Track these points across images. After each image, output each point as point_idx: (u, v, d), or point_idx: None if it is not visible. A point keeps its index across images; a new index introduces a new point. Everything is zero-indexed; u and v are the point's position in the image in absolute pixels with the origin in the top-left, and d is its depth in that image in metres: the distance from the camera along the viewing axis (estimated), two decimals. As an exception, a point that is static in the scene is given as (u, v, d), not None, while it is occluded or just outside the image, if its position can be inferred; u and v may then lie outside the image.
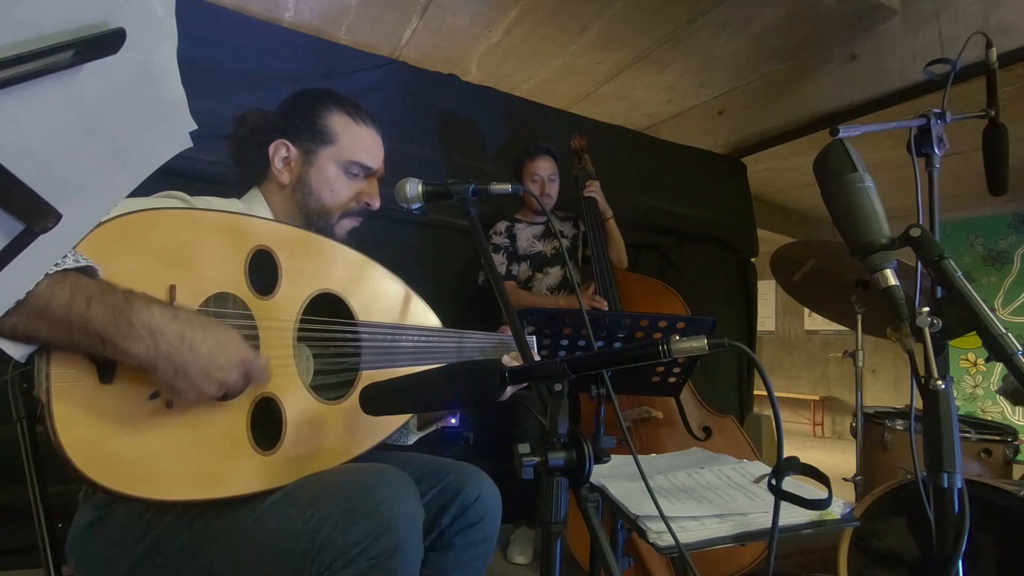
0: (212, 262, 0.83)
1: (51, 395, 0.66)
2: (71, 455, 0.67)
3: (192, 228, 0.83)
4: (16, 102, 0.32)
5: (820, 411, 6.73)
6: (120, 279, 0.70)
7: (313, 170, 1.07)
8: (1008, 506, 1.30)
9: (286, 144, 1.07)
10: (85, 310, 0.64)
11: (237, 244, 0.86)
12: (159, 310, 0.70)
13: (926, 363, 0.69)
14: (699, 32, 2.77)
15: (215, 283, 0.82)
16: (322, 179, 1.07)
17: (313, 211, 1.07)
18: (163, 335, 0.68)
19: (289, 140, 1.07)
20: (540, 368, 0.69)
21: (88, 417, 0.69)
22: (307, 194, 1.07)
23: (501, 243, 2.37)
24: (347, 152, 1.08)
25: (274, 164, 1.06)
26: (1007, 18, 2.40)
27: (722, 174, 3.61)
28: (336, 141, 1.08)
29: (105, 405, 0.70)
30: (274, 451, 0.83)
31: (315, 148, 1.07)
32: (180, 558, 0.81)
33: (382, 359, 0.99)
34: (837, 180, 0.79)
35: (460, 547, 1.02)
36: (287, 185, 1.07)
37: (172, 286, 0.77)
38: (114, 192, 0.43)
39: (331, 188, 1.07)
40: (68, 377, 0.68)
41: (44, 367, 0.67)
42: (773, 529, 0.68)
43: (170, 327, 0.69)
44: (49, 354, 0.67)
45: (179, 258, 0.79)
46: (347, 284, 0.99)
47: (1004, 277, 5.12)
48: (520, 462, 0.62)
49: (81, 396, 0.69)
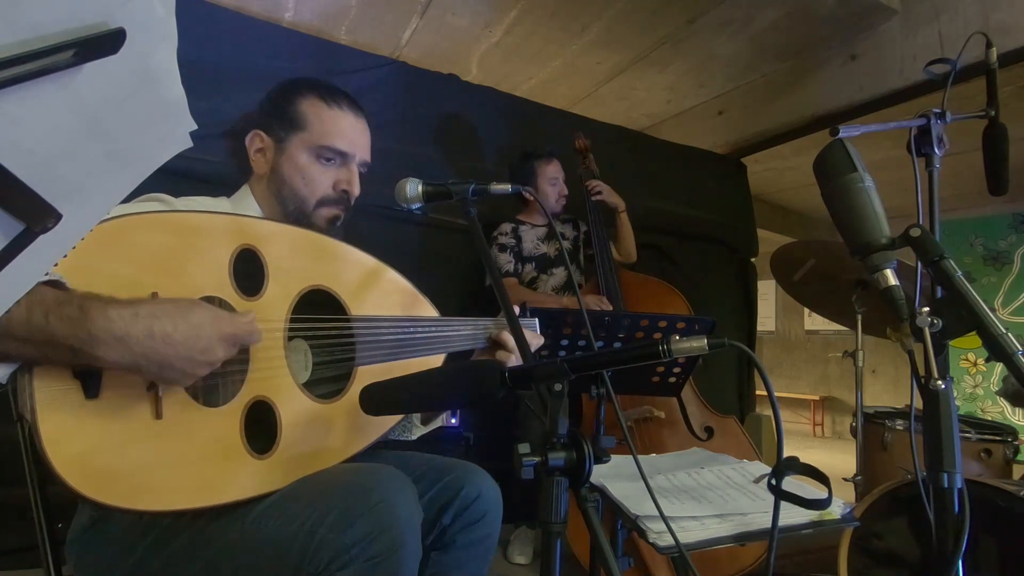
0: (195, 266, 0.80)
1: (36, 414, 0.65)
2: (63, 473, 0.66)
3: (173, 232, 0.80)
4: (16, 102, 0.32)
5: (820, 411, 6.73)
6: (100, 289, 0.68)
7: (284, 158, 1.04)
8: (1008, 506, 1.30)
9: (260, 134, 1.05)
10: (45, 324, 0.62)
11: (220, 245, 0.84)
12: (117, 312, 0.65)
13: (926, 363, 0.69)
14: (699, 32, 2.77)
15: (199, 287, 0.80)
16: (293, 167, 1.03)
17: (288, 200, 1.04)
18: (129, 337, 0.66)
19: (263, 130, 1.05)
20: (540, 368, 0.69)
21: (76, 434, 0.68)
22: (281, 183, 1.04)
23: (508, 243, 2.38)
24: (319, 136, 1.04)
25: (250, 155, 1.05)
26: (1007, 18, 2.40)
27: (722, 174, 3.61)
28: (307, 126, 1.04)
29: (92, 420, 0.69)
30: (270, 454, 0.82)
31: (286, 136, 1.04)
32: (179, 559, 0.81)
33: (377, 353, 0.97)
34: (837, 180, 0.79)
35: (461, 546, 1.01)
36: (264, 176, 1.06)
37: (154, 293, 0.75)
38: (114, 192, 0.43)
39: (303, 176, 1.03)
40: (53, 394, 0.66)
41: (27, 385, 0.65)
42: (773, 529, 0.68)
43: (135, 328, 0.66)
44: (32, 372, 0.65)
45: (160, 264, 0.77)
46: (337, 278, 0.96)
47: (1004, 277, 5.11)
48: (520, 462, 0.62)
49: (67, 413, 0.67)
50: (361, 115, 1.10)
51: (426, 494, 0.99)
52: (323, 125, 1.04)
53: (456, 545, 1.01)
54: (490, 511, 1.03)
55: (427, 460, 1.07)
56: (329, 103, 1.06)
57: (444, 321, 1.07)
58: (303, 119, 1.04)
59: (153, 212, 0.81)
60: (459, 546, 1.01)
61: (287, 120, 1.04)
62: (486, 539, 1.03)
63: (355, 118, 1.09)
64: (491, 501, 1.03)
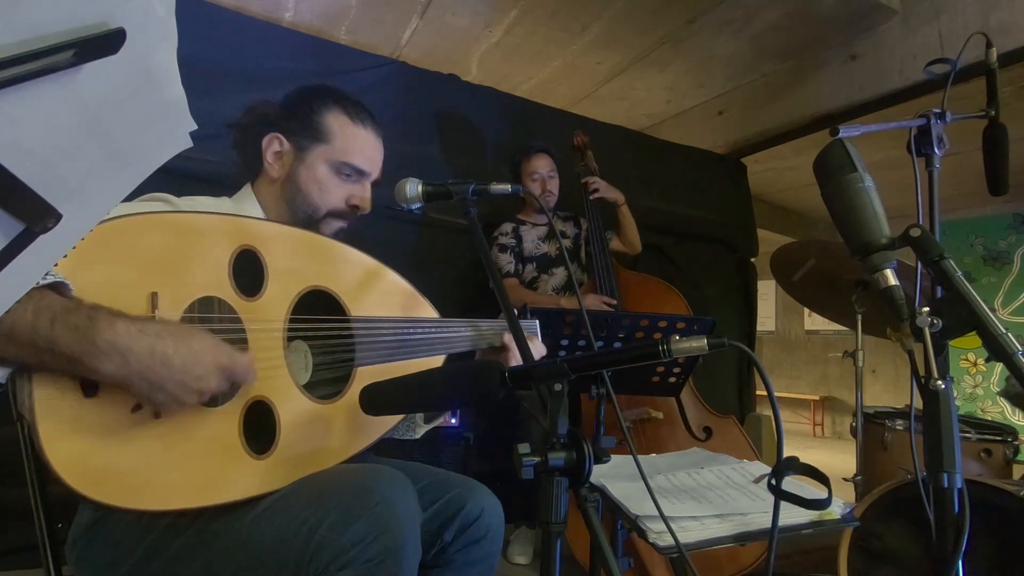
0: (195, 266, 0.80)
1: (35, 413, 0.65)
2: (61, 472, 0.66)
3: (173, 232, 0.80)
4: (16, 102, 0.32)
5: (820, 411, 6.73)
6: (100, 290, 0.68)
7: (303, 167, 1.05)
8: (1008, 506, 1.30)
9: (279, 138, 1.05)
10: (50, 331, 0.62)
11: (220, 245, 0.84)
12: (124, 327, 0.67)
13: (926, 363, 0.69)
14: (699, 32, 2.77)
15: (199, 287, 0.79)
16: (311, 177, 1.04)
17: (299, 208, 1.05)
18: (131, 352, 0.66)
19: (283, 134, 1.05)
20: (540, 368, 0.69)
21: (75, 433, 0.68)
22: (295, 191, 1.05)
23: (508, 243, 2.37)
24: (340, 152, 1.05)
25: (266, 157, 1.05)
26: (1007, 18, 2.40)
27: (722, 174, 3.61)
28: (330, 140, 1.05)
29: (91, 419, 0.69)
30: (269, 454, 0.82)
31: (308, 145, 1.05)
32: (179, 559, 0.81)
33: (376, 353, 0.97)
34: (837, 180, 0.79)
35: (461, 565, 0.98)
36: (277, 180, 1.06)
37: (153, 293, 0.74)
38: (114, 192, 0.43)
39: (319, 187, 1.05)
40: (51, 394, 0.66)
41: (26, 384, 0.65)
42: (773, 529, 0.68)
43: (138, 343, 0.67)
44: (30, 372, 0.65)
45: (160, 264, 0.77)
46: (337, 279, 0.96)
47: (1004, 277, 5.12)
48: (520, 462, 0.62)
49: (66, 412, 0.67)
50: (380, 134, 1.12)
51: (427, 510, 0.97)
52: (347, 142, 1.06)
53: (456, 564, 0.98)
54: (492, 531, 1.00)
55: (429, 474, 1.05)
56: (354, 120, 1.07)
57: (443, 322, 1.07)
58: (328, 132, 1.05)
59: (152, 212, 0.81)
60: (458, 565, 0.98)
61: (311, 130, 1.05)
62: (486, 560, 1.00)
63: (376, 137, 1.10)
64: (493, 520, 1.01)
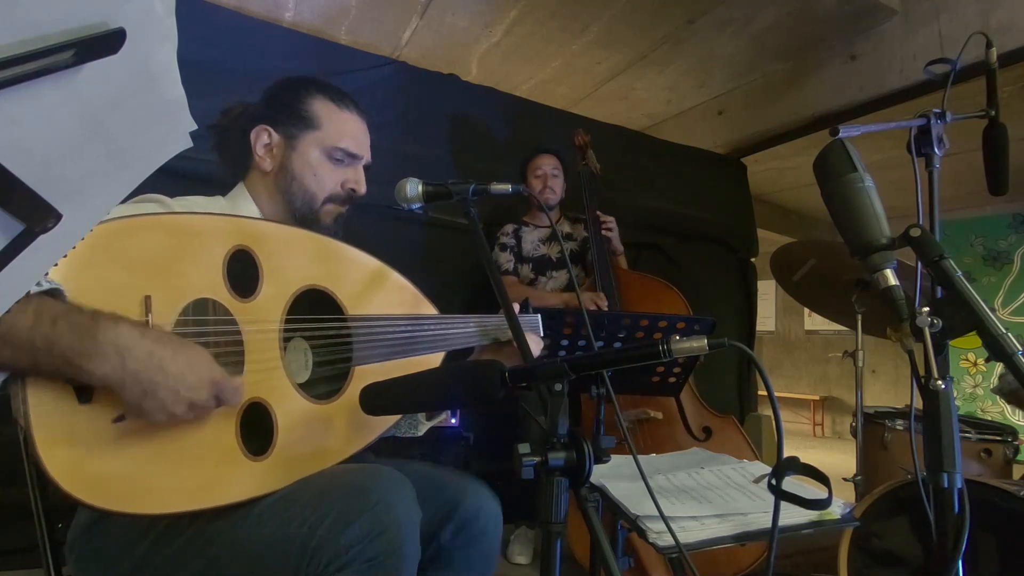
0: (189, 268, 0.79)
1: (30, 420, 0.65)
2: (58, 479, 0.66)
3: (166, 233, 0.79)
4: (16, 102, 0.32)
5: (820, 411, 6.72)
6: (93, 293, 0.68)
7: (296, 155, 1.05)
8: (1008, 506, 1.30)
9: (268, 130, 1.05)
10: (50, 331, 0.63)
11: (214, 246, 0.83)
12: (127, 328, 0.68)
13: (926, 363, 0.69)
14: (699, 32, 2.77)
15: (193, 289, 0.79)
16: (305, 164, 1.05)
17: (296, 197, 1.05)
18: (130, 353, 0.67)
19: (271, 126, 1.05)
20: (540, 368, 0.69)
21: (70, 439, 0.67)
22: (290, 180, 1.05)
23: (508, 243, 2.39)
24: (331, 137, 1.06)
25: (256, 151, 1.05)
26: (1007, 18, 2.40)
27: (722, 174, 3.61)
28: (319, 126, 1.05)
29: (86, 425, 0.69)
30: (266, 456, 0.82)
31: (298, 133, 1.05)
32: (179, 560, 0.81)
33: (374, 352, 0.97)
34: (837, 180, 0.79)
35: (459, 564, 0.98)
36: (270, 172, 1.06)
37: (147, 297, 0.74)
38: (114, 192, 0.43)
39: (314, 173, 1.05)
40: (45, 400, 0.66)
41: (20, 391, 0.65)
42: (773, 529, 0.68)
43: (138, 345, 0.67)
44: (24, 378, 0.65)
45: (154, 266, 0.76)
46: (334, 278, 0.96)
47: (1004, 277, 5.11)
48: (520, 462, 0.62)
49: (61, 418, 0.67)
50: (365, 117, 1.12)
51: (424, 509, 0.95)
52: (336, 127, 1.07)
53: (453, 563, 0.98)
54: (489, 529, 1.00)
55: (426, 473, 1.04)
56: (340, 106, 1.08)
57: (441, 319, 1.06)
58: (316, 119, 1.05)
59: (145, 215, 0.80)
60: (456, 564, 0.98)
61: (299, 118, 1.05)
62: (484, 559, 1.00)
63: (362, 121, 1.11)
64: (491, 519, 1.00)
